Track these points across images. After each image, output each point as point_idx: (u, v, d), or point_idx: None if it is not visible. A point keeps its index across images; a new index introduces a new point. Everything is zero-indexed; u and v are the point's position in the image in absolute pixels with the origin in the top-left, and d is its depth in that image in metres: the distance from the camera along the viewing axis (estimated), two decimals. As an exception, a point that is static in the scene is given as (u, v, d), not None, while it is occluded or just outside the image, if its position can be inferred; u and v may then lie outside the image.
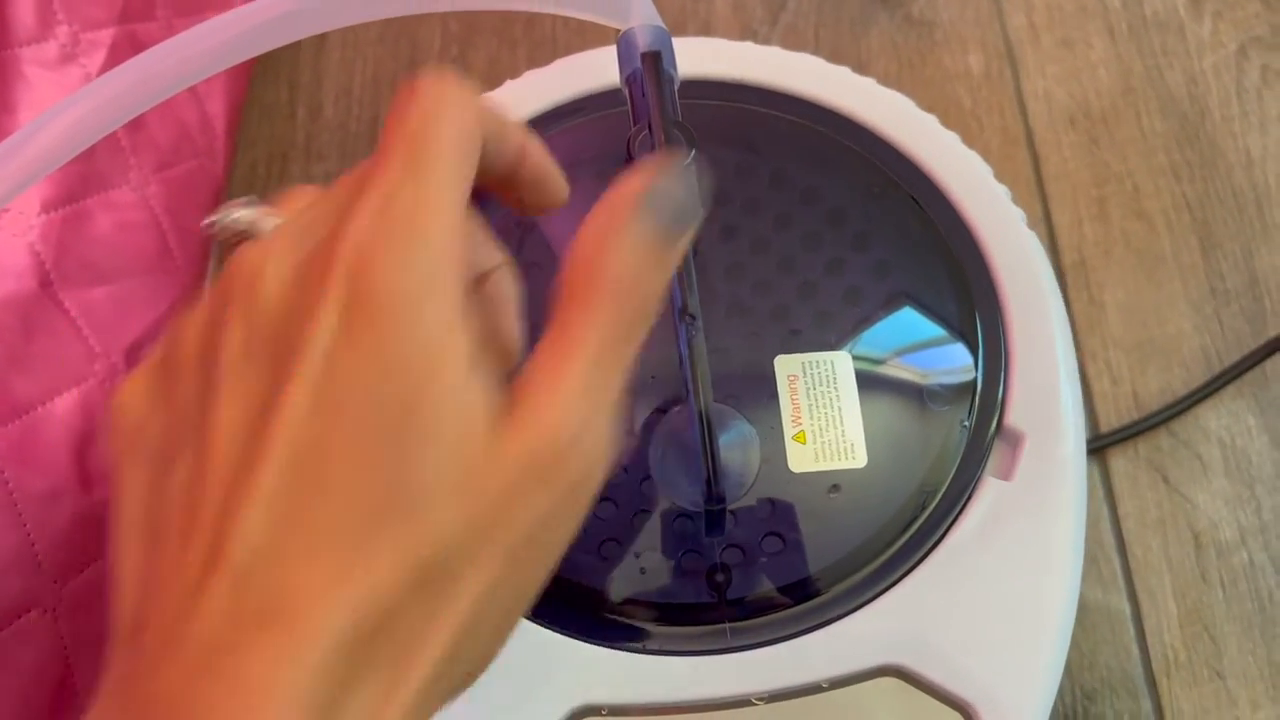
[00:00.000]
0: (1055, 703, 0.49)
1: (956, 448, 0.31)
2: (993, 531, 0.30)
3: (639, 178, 0.22)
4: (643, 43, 0.31)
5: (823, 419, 0.31)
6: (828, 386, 0.31)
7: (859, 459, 0.31)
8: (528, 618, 0.30)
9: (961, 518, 0.31)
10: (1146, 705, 0.49)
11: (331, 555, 0.20)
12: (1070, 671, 0.49)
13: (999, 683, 0.29)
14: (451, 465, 0.20)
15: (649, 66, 0.30)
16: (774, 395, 0.31)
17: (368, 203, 0.21)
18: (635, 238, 0.21)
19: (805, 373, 0.31)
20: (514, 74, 0.63)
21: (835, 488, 0.31)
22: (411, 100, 0.23)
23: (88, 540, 0.45)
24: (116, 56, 0.50)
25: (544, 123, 0.37)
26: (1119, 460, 0.53)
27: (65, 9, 0.49)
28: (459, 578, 0.21)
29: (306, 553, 0.20)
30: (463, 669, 0.22)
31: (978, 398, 0.32)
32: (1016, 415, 0.31)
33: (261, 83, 0.62)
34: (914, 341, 0.33)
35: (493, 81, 0.63)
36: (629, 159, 0.32)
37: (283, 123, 0.61)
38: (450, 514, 0.20)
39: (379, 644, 0.20)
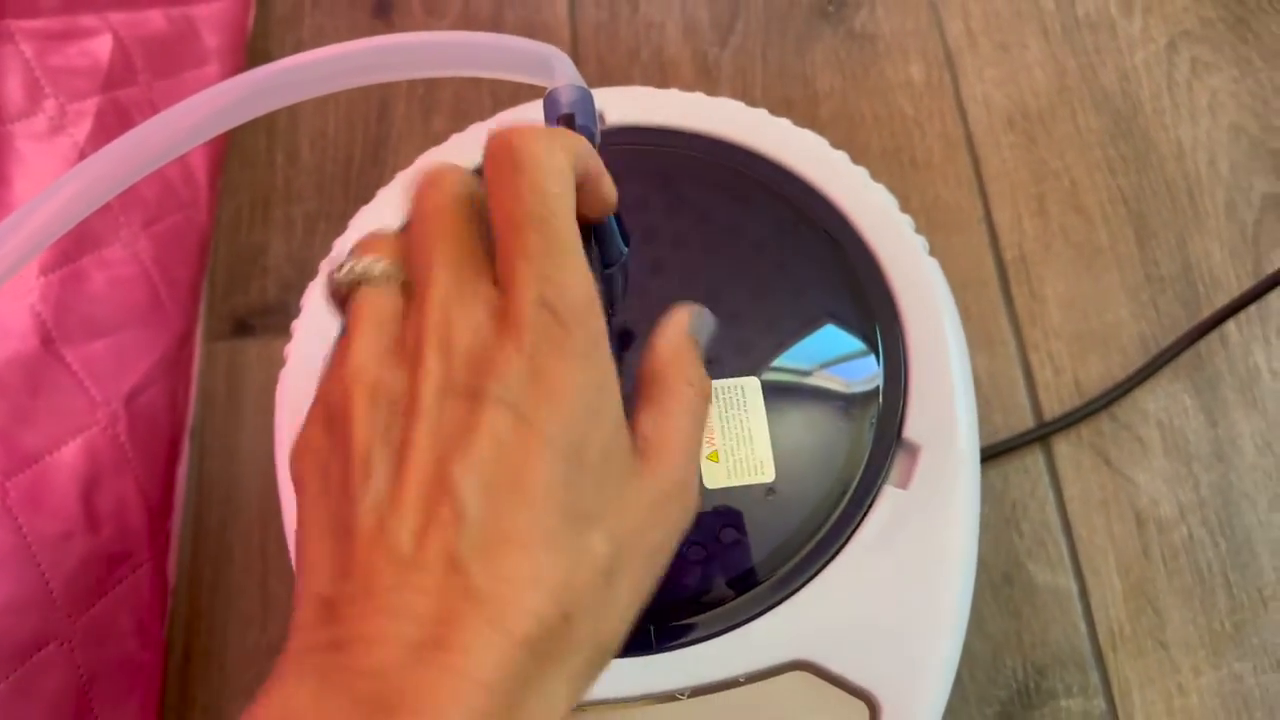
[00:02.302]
0: (1009, 678, 0.52)
1: (859, 460, 0.35)
2: (892, 537, 0.34)
3: (688, 309, 0.30)
4: (565, 102, 0.34)
5: (734, 439, 0.34)
6: (738, 409, 0.34)
7: (768, 474, 0.34)
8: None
9: (863, 524, 0.34)
10: (1094, 677, 0.52)
11: (533, 551, 0.24)
12: (1022, 648, 0.53)
13: (900, 675, 0.32)
14: (616, 488, 0.26)
15: (565, 126, 0.33)
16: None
17: (530, 267, 0.26)
18: (693, 349, 0.29)
19: (718, 397, 0.34)
20: (479, 109, 0.67)
21: (748, 500, 0.34)
22: (518, 173, 0.27)
23: (97, 577, 0.49)
24: (103, 123, 0.54)
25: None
26: (1063, 445, 0.56)
27: (51, 83, 0.53)
28: (619, 579, 0.25)
29: (512, 546, 0.24)
30: (607, 658, 0.26)
31: (878, 412, 0.35)
32: (913, 428, 0.35)
33: (241, 131, 0.66)
34: (821, 362, 0.36)
35: (458, 118, 0.67)
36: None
37: (262, 169, 0.65)
38: (618, 526, 0.25)
39: (564, 632, 0.24)
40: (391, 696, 0.23)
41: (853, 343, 0.36)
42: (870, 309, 0.36)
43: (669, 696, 0.33)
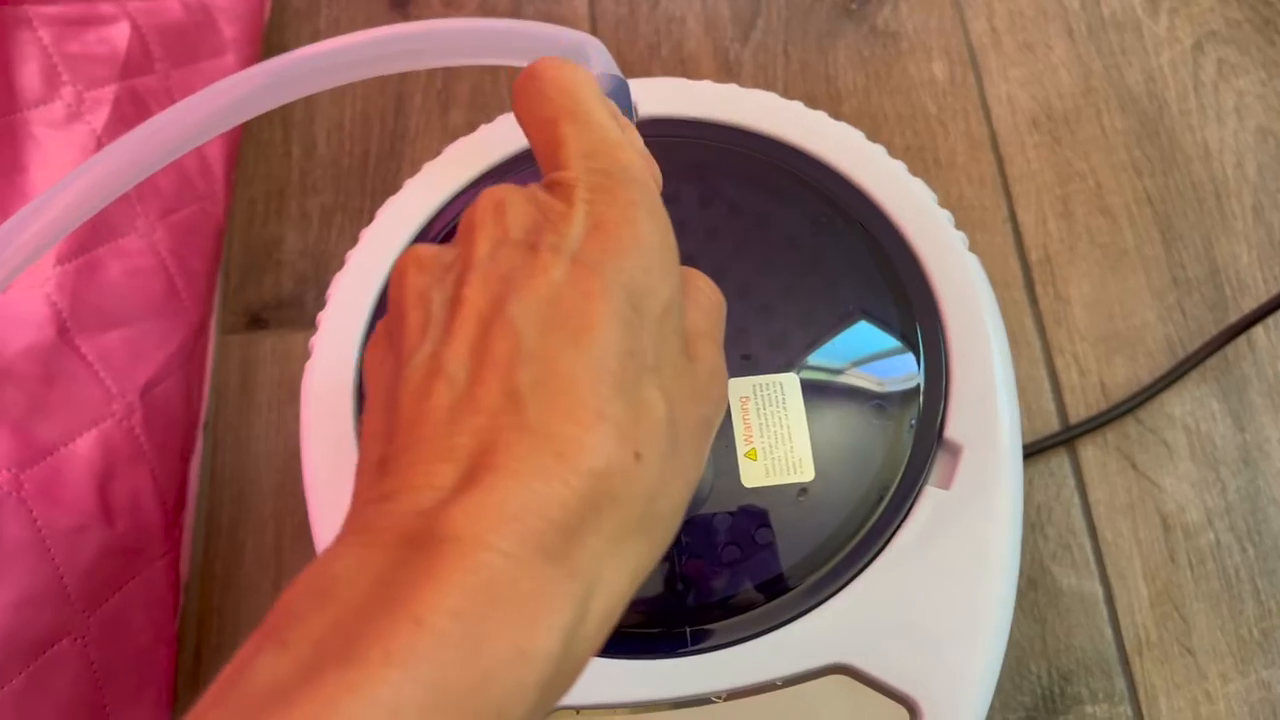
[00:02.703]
0: (1034, 684, 0.52)
1: (900, 460, 0.34)
2: (933, 538, 0.33)
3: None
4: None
5: (772, 437, 0.34)
6: (777, 407, 0.34)
7: (807, 473, 0.34)
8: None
9: (904, 526, 0.33)
10: (1121, 683, 0.51)
11: (597, 388, 0.22)
12: (1047, 654, 0.52)
13: (941, 679, 0.32)
14: (673, 351, 0.24)
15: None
16: (728, 416, 0.34)
17: (574, 144, 0.26)
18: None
19: (756, 394, 0.34)
20: (497, 101, 0.66)
21: (786, 500, 0.34)
22: (540, 81, 0.27)
23: (112, 571, 0.48)
24: (120, 112, 0.53)
25: (502, 172, 0.39)
26: (1088, 449, 0.55)
27: (69, 70, 0.52)
28: (680, 439, 0.24)
29: (573, 382, 0.22)
30: (669, 534, 0.24)
31: (919, 412, 0.34)
32: (955, 428, 0.34)
33: (256, 123, 0.65)
34: (860, 359, 0.35)
35: (476, 111, 0.66)
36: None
37: (278, 160, 0.64)
38: (675, 388, 0.24)
39: (635, 474, 0.22)
40: (424, 534, 0.21)
41: (892, 340, 0.35)
42: (910, 305, 0.36)
43: (704, 700, 0.32)
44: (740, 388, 0.34)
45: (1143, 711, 0.50)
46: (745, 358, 0.34)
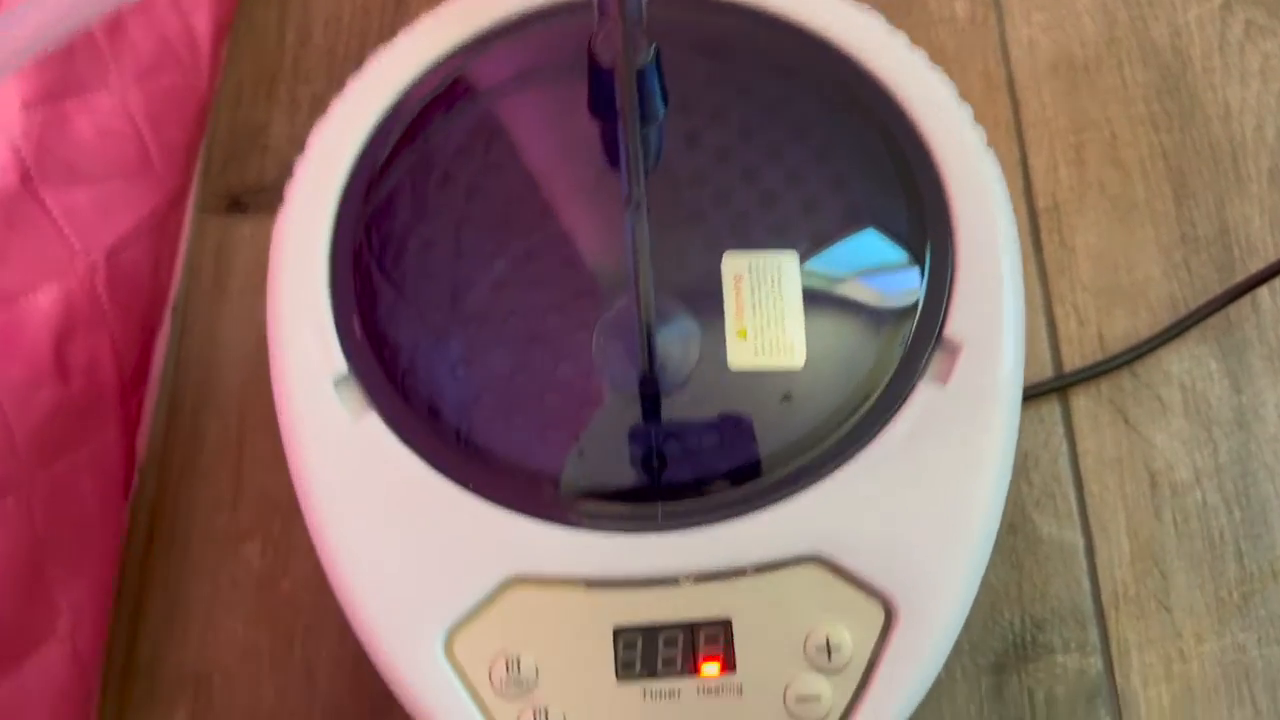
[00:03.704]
0: (1006, 630, 0.50)
1: (895, 353, 0.32)
2: (925, 435, 0.31)
3: None
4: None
5: (764, 318, 0.32)
6: (772, 286, 0.32)
7: (797, 358, 0.32)
8: (468, 490, 0.31)
9: (895, 420, 0.31)
10: (1094, 635, 0.50)
11: None
12: (1022, 600, 0.51)
13: (922, 580, 0.30)
14: None
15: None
16: (719, 293, 0.32)
17: None
18: None
19: (751, 271, 0.32)
20: None
21: (772, 384, 0.32)
22: None
23: (63, 432, 0.46)
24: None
25: (501, 33, 0.37)
26: (1081, 399, 0.54)
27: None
28: None
29: None
30: None
31: (920, 306, 0.33)
32: (956, 325, 0.32)
33: (250, 2, 0.63)
34: (862, 249, 0.33)
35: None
36: (591, 60, 0.33)
37: (271, 44, 0.62)
38: None
39: None
40: None
41: (898, 231, 0.34)
42: (919, 198, 0.34)
43: (671, 580, 0.31)
44: (735, 264, 0.32)
45: (1114, 664, 0.49)
46: (743, 235, 0.33)
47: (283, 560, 0.53)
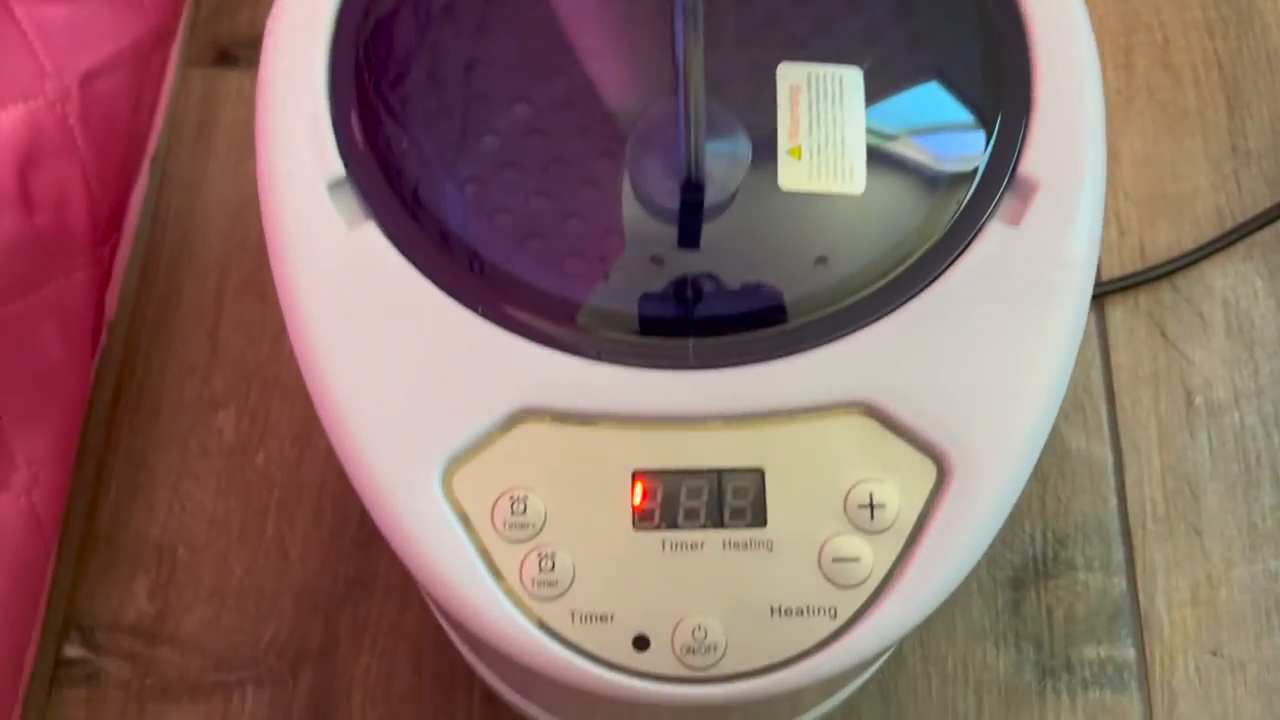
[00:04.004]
0: (1026, 544, 0.47)
1: (966, 186, 0.29)
2: (993, 278, 0.28)
3: None
4: None
5: (822, 137, 0.28)
6: (832, 103, 0.28)
7: (856, 184, 0.28)
8: (478, 313, 0.28)
9: (960, 260, 0.28)
10: (1118, 554, 0.47)
11: None
12: (1045, 515, 0.48)
13: (980, 436, 0.27)
14: None
15: None
16: (772, 106, 0.28)
17: None
18: None
19: (810, 85, 0.28)
20: None
21: (826, 210, 0.29)
22: None
23: (26, 267, 0.42)
24: None
25: None
26: (1117, 310, 0.51)
27: None
28: None
29: None
30: None
31: (995, 138, 0.29)
32: (1033, 162, 0.29)
33: None
34: (934, 70, 0.30)
35: None
36: None
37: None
38: None
39: None
40: None
41: (975, 54, 0.30)
42: (995, 22, 0.30)
43: (699, 422, 0.27)
44: (793, 74, 0.29)
45: (1138, 586, 0.46)
46: (801, 44, 0.29)
47: (258, 432, 0.49)
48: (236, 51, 0.56)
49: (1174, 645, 0.45)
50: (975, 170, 0.29)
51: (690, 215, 0.27)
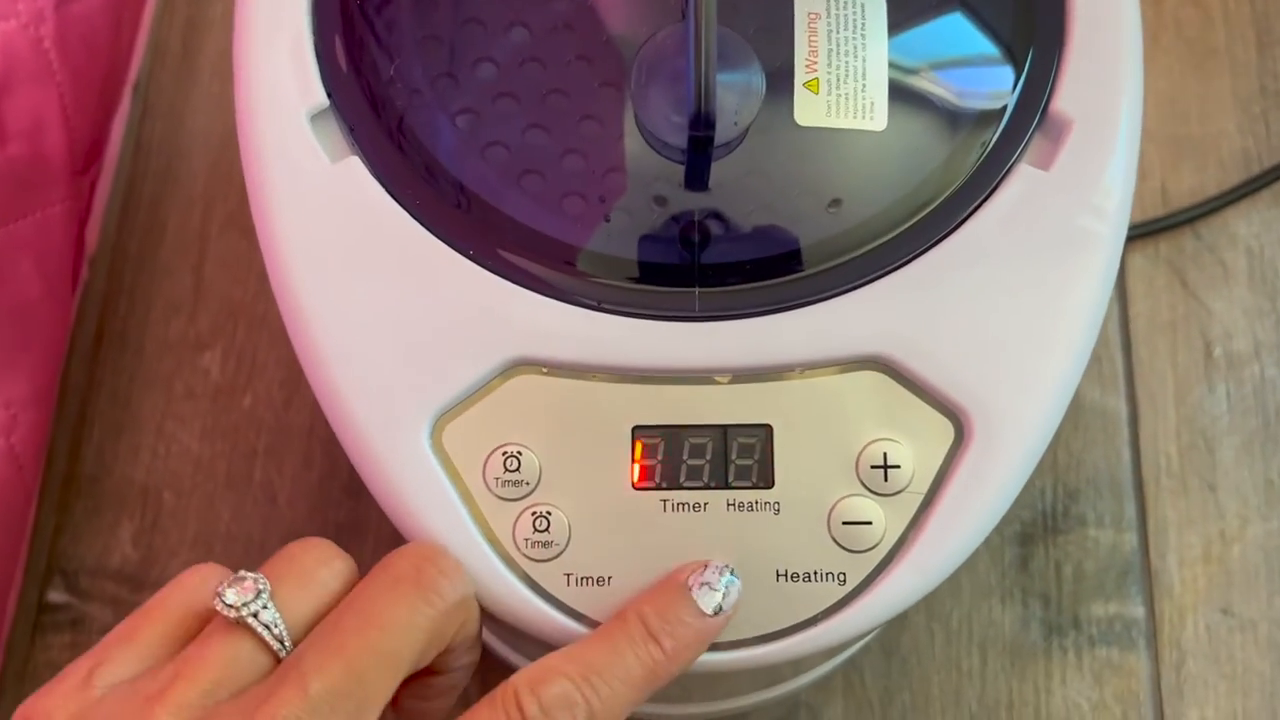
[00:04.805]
0: (1035, 498, 0.46)
1: (993, 126, 0.27)
2: (1020, 223, 0.26)
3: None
4: None
5: (842, 69, 0.26)
6: (853, 32, 0.26)
7: (877, 121, 0.26)
8: (468, 257, 0.26)
9: (986, 204, 0.26)
10: (1130, 509, 0.46)
11: None
12: (1056, 469, 0.46)
13: (1002, 394, 0.25)
14: None
15: None
16: (788, 34, 0.26)
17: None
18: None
19: (829, 11, 0.26)
20: None
21: (844, 149, 0.27)
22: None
23: (0, 200, 0.40)
24: None
25: None
26: (1136, 257, 0.49)
27: None
28: None
29: None
30: None
31: (1025, 73, 0.27)
32: (1066, 100, 0.27)
33: None
34: (963, 6, 0.28)
35: None
36: None
37: None
38: None
39: None
40: None
41: (1002, -14, 0.28)
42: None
43: (704, 377, 0.26)
44: (811, 1, 0.26)
45: (1149, 542, 0.45)
46: (820, -29, 0.27)
47: (245, 373, 0.47)
48: (222, -27, 0.54)
49: (1184, 603, 0.44)
50: (1004, 108, 0.27)
51: (698, 153, 0.25)
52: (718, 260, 0.26)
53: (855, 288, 0.26)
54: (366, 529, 0.46)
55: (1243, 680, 0.43)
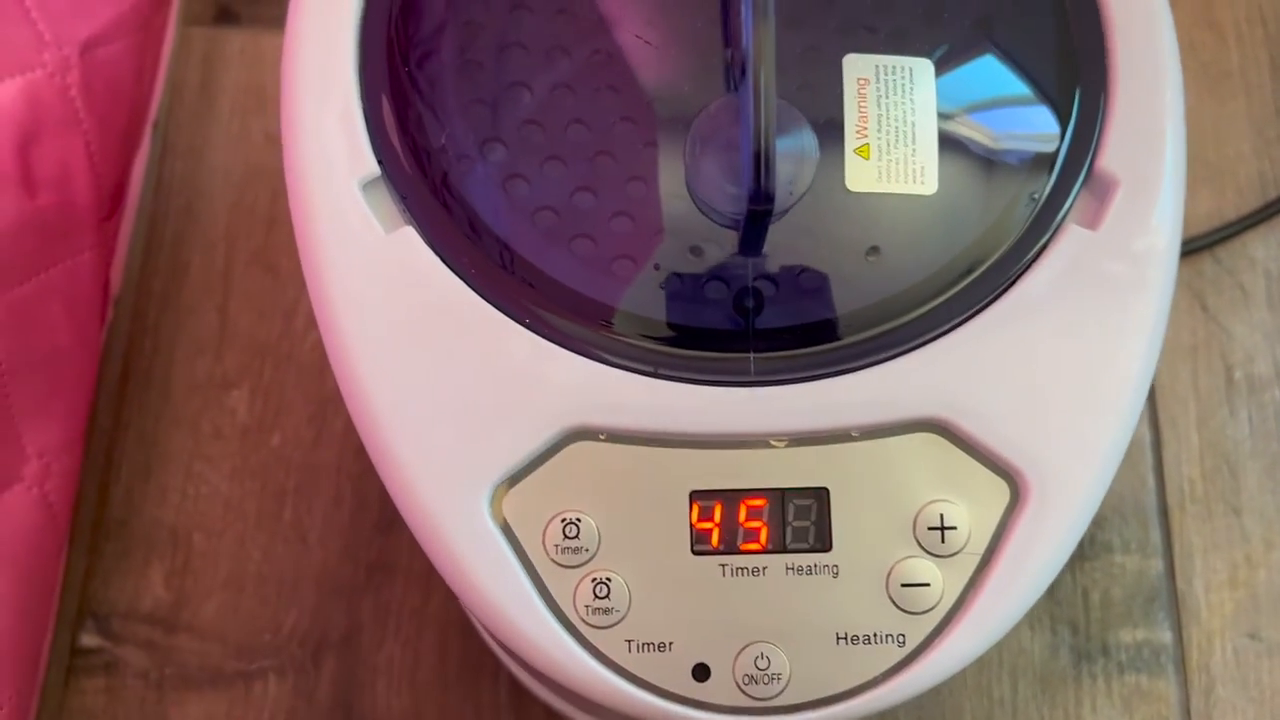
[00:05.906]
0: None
1: (1040, 189, 0.27)
2: (1069, 284, 0.26)
3: None
4: None
5: (892, 134, 0.27)
6: (902, 97, 0.27)
7: (928, 185, 0.27)
8: (525, 326, 0.26)
9: (1035, 265, 0.27)
10: (1156, 535, 0.46)
11: None
12: (1079, 495, 0.47)
13: (1056, 454, 0.26)
14: None
15: None
16: (838, 101, 0.27)
17: None
18: None
19: (879, 78, 0.27)
20: None
21: (894, 213, 0.27)
22: None
23: (31, 250, 0.40)
24: None
25: None
26: (1157, 283, 0.49)
27: None
28: None
29: None
30: None
31: (1070, 134, 0.27)
32: (1112, 159, 0.27)
33: None
34: (1007, 65, 0.28)
35: None
36: None
37: None
38: None
39: None
40: None
41: (1047, 46, 0.28)
42: (1069, 11, 0.28)
43: (760, 442, 0.26)
44: (860, 66, 0.27)
45: (1175, 568, 0.46)
46: (871, 31, 0.27)
47: (272, 412, 0.48)
48: (237, 8, 0.54)
49: (1211, 628, 0.45)
50: (1050, 169, 0.27)
51: (756, 224, 0.25)
52: (772, 325, 0.26)
53: (908, 351, 0.26)
54: (397, 566, 0.46)
55: (1271, 704, 0.44)
